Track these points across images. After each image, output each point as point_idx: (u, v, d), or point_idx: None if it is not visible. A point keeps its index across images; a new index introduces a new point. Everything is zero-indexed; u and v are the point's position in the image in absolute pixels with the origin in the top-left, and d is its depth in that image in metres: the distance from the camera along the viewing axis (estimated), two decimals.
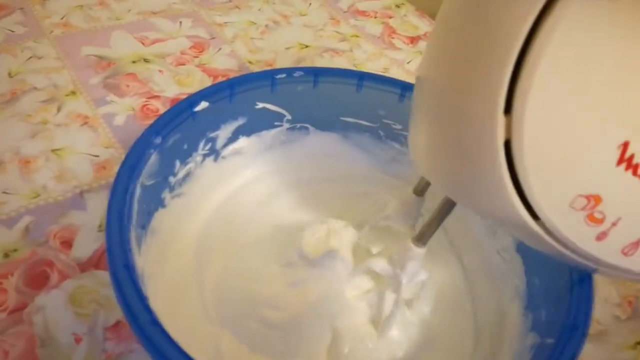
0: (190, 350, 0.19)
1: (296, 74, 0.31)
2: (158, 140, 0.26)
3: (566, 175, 0.17)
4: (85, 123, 0.42)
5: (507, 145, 0.16)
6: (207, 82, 0.48)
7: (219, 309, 0.27)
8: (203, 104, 0.28)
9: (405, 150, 0.35)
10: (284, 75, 0.31)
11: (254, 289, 0.27)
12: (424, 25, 0.63)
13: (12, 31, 0.49)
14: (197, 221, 0.30)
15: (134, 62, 0.48)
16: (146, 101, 0.45)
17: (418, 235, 0.25)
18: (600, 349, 0.34)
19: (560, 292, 0.24)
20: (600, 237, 0.18)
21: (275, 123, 0.33)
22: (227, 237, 0.31)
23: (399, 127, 0.34)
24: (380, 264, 0.26)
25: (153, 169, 0.26)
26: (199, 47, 0.52)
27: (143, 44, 0.51)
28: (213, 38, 0.53)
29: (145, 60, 0.49)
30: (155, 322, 0.19)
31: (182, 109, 0.27)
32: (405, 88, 0.32)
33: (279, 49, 0.54)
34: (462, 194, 0.20)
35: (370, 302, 0.26)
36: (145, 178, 0.25)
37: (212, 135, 0.30)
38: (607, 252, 0.18)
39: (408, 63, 0.57)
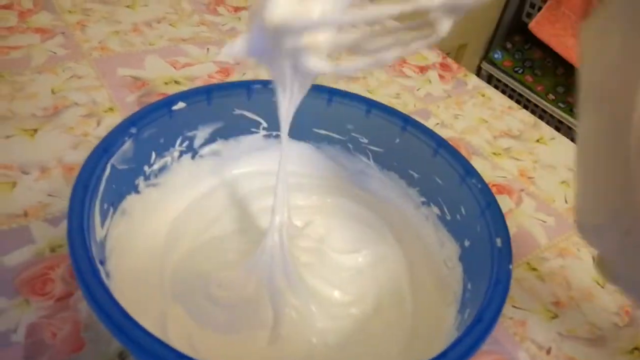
0: (138, 317, 0.21)
1: (271, 86, 0.34)
2: (133, 130, 0.29)
3: None
4: None
5: None
6: None
7: (174, 286, 0.29)
8: (180, 104, 0.32)
9: (372, 164, 0.37)
10: (259, 86, 0.34)
11: (209, 271, 0.30)
12: (432, 56, 0.67)
13: (55, 53, 0.54)
14: (170, 210, 0.34)
15: (165, 83, 0.53)
16: None
17: None
18: (600, 353, 0.37)
19: (481, 293, 0.26)
20: None
21: (252, 129, 0.36)
22: (196, 230, 0.33)
23: (365, 141, 0.36)
24: None
25: (127, 155, 0.29)
26: (225, 71, 0.56)
27: (174, 67, 0.55)
28: (237, 64, 0.58)
29: (176, 82, 0.53)
30: (96, 274, 0.22)
31: (159, 106, 0.31)
32: (370, 105, 0.35)
33: None
34: None
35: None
36: (117, 161, 0.28)
37: (189, 134, 0.34)
38: None
39: (417, 90, 0.60)
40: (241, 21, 0.66)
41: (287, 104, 0.26)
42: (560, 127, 1.29)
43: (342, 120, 0.36)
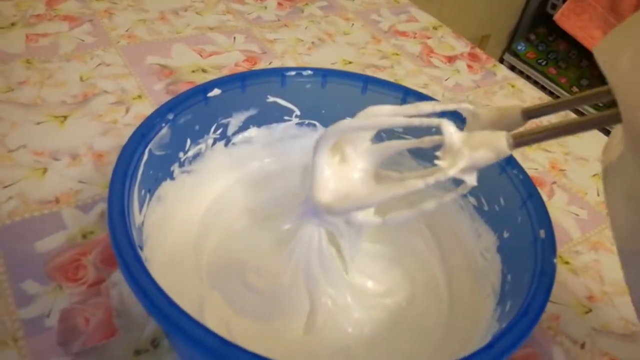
0: (176, 300, 0.21)
1: (305, 73, 0.34)
2: (170, 116, 0.29)
3: None
4: None
5: None
6: None
7: (210, 272, 0.29)
8: (216, 91, 0.31)
9: (405, 154, 0.36)
10: (293, 73, 0.34)
11: (245, 259, 0.30)
12: (460, 46, 0.66)
13: (82, 40, 0.54)
14: (205, 197, 0.33)
15: (193, 71, 0.53)
16: None
17: (515, 135, 0.22)
18: (635, 348, 0.37)
19: (524, 285, 0.25)
20: None
21: (285, 117, 0.36)
22: (229, 217, 0.33)
23: (400, 129, 0.36)
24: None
25: (164, 141, 0.29)
26: (252, 60, 0.56)
27: (201, 55, 0.55)
28: (264, 53, 0.57)
29: (203, 71, 0.53)
30: (138, 258, 0.21)
31: (195, 92, 0.31)
32: (406, 93, 0.34)
33: (325, 64, 0.57)
34: None
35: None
36: (154, 147, 0.28)
37: (223, 121, 0.33)
38: None
39: (446, 80, 0.59)
40: (267, 10, 0.65)
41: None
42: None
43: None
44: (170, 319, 0.20)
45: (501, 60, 1.44)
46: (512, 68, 1.42)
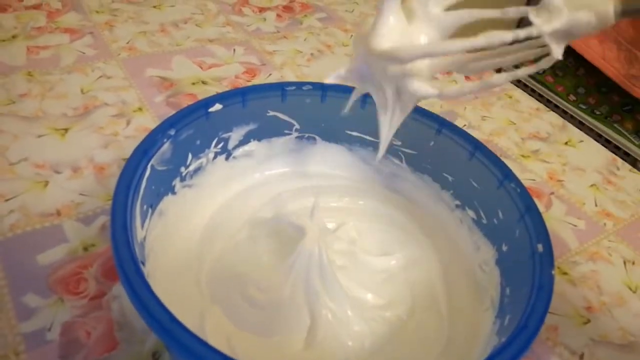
0: (177, 315, 0.21)
1: (305, 88, 0.34)
2: (172, 131, 0.29)
3: None
4: None
5: None
6: None
7: (211, 287, 0.30)
8: (217, 106, 0.32)
9: (404, 167, 0.37)
10: (293, 88, 0.34)
11: (246, 272, 0.30)
12: None
13: (83, 53, 0.55)
14: (205, 211, 0.34)
15: (193, 83, 0.53)
16: None
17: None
18: (631, 358, 0.37)
19: (522, 299, 0.25)
20: None
21: (285, 131, 0.36)
22: (230, 230, 0.34)
23: (398, 143, 0.36)
24: None
25: (165, 156, 0.29)
26: (251, 72, 0.56)
27: (201, 67, 0.56)
28: (264, 64, 0.58)
29: (203, 82, 0.54)
30: (140, 274, 0.22)
31: (197, 107, 0.31)
32: None
33: (324, 76, 0.58)
34: None
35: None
36: (156, 162, 0.28)
37: (224, 135, 0.34)
38: None
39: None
40: (266, 22, 0.66)
41: (389, 126, 0.26)
42: (581, 128, 1.27)
43: (376, 123, 0.36)
44: (171, 335, 0.20)
45: (498, 70, 1.44)
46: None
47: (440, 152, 0.34)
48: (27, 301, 0.33)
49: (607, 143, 1.28)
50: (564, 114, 1.34)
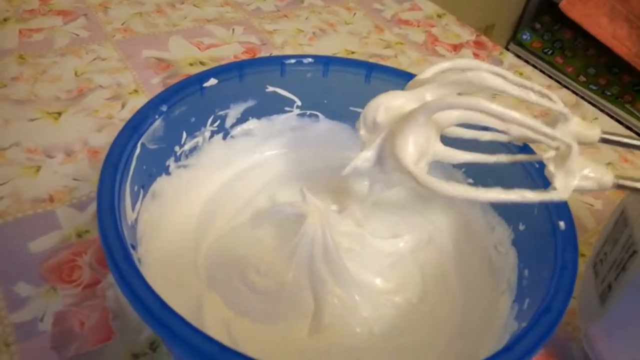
0: (173, 304, 0.20)
1: (306, 61, 0.32)
2: (164, 107, 0.27)
3: None
4: None
5: None
6: None
7: (209, 271, 0.28)
8: (212, 81, 0.30)
9: None
10: (293, 61, 0.32)
11: (245, 255, 0.28)
12: (465, 34, 0.64)
13: (77, 35, 0.53)
14: (202, 192, 0.32)
15: (190, 64, 0.51)
16: None
17: (619, 177, 0.23)
18: None
19: (543, 281, 0.24)
20: None
21: (286, 108, 0.34)
22: (227, 212, 0.32)
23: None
24: None
25: (157, 134, 0.27)
26: (251, 52, 0.54)
27: (199, 48, 0.54)
28: (264, 44, 0.56)
29: (201, 63, 0.52)
30: (129, 259, 0.20)
31: (190, 82, 0.29)
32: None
33: (326, 54, 0.56)
34: None
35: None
36: (147, 140, 0.26)
37: (221, 113, 0.32)
38: None
39: None
40: (266, 1, 0.63)
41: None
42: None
43: None
44: (164, 325, 0.19)
45: (507, 51, 1.41)
46: (518, 59, 1.40)
47: None
48: (18, 290, 0.32)
49: (618, 124, 1.25)
50: (574, 95, 1.31)
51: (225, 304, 0.26)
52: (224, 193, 0.32)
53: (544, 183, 0.27)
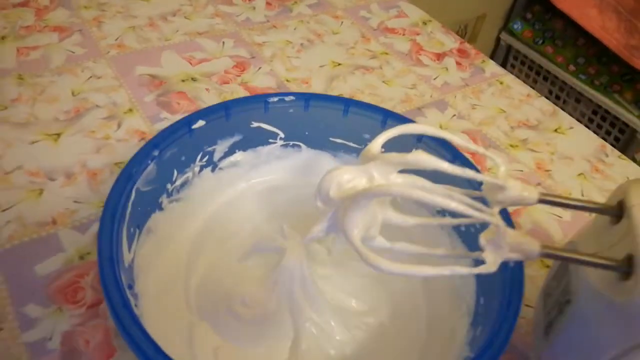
0: (166, 332, 0.23)
1: (287, 99, 0.35)
2: (156, 152, 0.30)
3: None
4: (143, 138, 0.47)
5: None
6: None
7: (199, 301, 0.31)
8: (200, 122, 0.32)
9: None
10: (276, 99, 0.35)
11: (231, 287, 0.31)
12: (449, 42, 0.66)
13: (73, 52, 0.55)
14: (193, 224, 0.35)
15: (183, 80, 0.53)
16: None
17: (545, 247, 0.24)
18: None
19: (494, 311, 0.27)
20: None
21: (270, 140, 0.37)
22: (217, 241, 0.35)
23: (382, 150, 0.37)
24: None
25: (150, 177, 0.30)
26: (241, 66, 0.56)
27: (190, 63, 0.56)
28: (253, 57, 0.58)
29: (193, 79, 0.54)
30: (127, 306, 0.23)
31: (180, 125, 0.32)
32: (386, 115, 0.35)
33: (314, 67, 0.58)
34: None
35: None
36: (141, 185, 0.29)
37: (209, 149, 0.35)
38: None
39: (434, 79, 0.60)
40: (256, 10, 0.65)
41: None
42: (580, 99, 1.27)
43: (359, 130, 0.36)
44: None
45: (497, 40, 1.42)
46: (509, 48, 1.41)
47: None
48: (28, 311, 0.35)
49: (606, 114, 1.27)
50: (563, 84, 1.33)
51: (214, 331, 0.30)
52: (212, 225, 0.35)
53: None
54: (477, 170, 0.31)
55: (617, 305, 0.25)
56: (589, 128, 0.57)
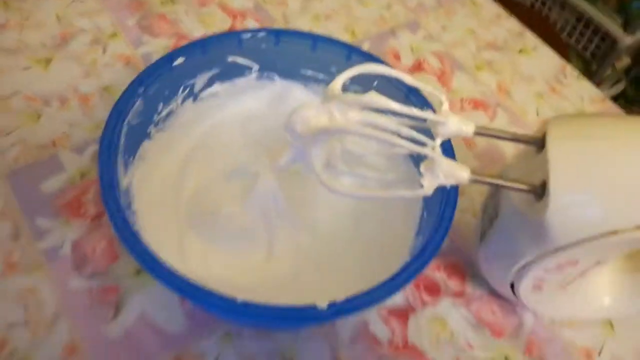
0: (160, 241, 0.28)
1: (260, 35, 0.38)
2: (141, 89, 0.34)
3: None
4: (128, 63, 0.50)
5: None
6: (228, 22, 0.55)
7: (189, 216, 0.37)
8: (180, 59, 0.36)
9: None
10: (249, 36, 0.38)
11: (217, 205, 0.37)
12: None
13: None
14: (179, 149, 0.39)
15: (162, 2, 0.55)
16: (177, 41, 0.53)
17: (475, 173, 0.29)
18: None
19: (431, 224, 0.32)
20: None
21: (245, 72, 0.41)
22: (201, 164, 0.39)
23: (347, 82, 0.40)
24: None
25: (138, 110, 0.34)
26: None
27: None
28: None
29: (172, 2, 0.56)
30: (126, 222, 0.28)
31: (161, 63, 0.35)
32: (350, 51, 0.39)
33: None
34: None
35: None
36: (131, 118, 0.33)
37: (189, 82, 0.38)
38: None
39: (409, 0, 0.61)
40: None
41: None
42: (565, 5, 1.27)
43: (327, 63, 0.40)
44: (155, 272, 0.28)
45: None
46: None
47: (383, 91, 0.39)
48: (39, 224, 0.40)
49: (590, 22, 1.28)
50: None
51: (201, 239, 0.36)
52: (197, 150, 0.40)
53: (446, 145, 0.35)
54: (427, 106, 0.36)
55: (532, 222, 0.31)
56: (571, 36, 0.59)
